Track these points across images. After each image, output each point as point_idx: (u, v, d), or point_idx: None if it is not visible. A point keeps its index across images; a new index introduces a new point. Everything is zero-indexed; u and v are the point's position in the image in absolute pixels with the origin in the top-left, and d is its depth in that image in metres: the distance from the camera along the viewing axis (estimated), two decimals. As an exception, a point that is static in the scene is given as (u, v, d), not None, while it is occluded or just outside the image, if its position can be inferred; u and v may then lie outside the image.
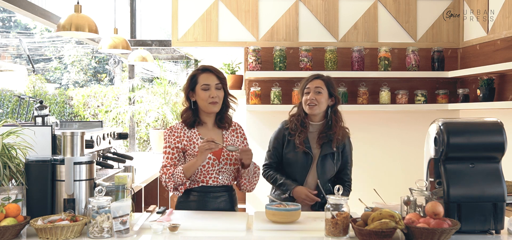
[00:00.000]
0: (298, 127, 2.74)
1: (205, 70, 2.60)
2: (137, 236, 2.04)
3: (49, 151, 2.54)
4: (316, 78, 2.77)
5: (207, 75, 2.57)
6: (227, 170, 2.57)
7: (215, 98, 2.54)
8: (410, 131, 4.39)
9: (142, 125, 9.21)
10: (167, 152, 2.56)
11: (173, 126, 2.62)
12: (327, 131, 2.73)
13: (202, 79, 2.56)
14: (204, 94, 2.54)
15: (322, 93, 2.72)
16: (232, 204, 2.62)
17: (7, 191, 2.11)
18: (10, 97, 10.35)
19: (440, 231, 1.86)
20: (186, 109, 2.63)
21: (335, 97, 2.76)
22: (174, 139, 2.57)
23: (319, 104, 2.71)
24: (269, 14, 4.36)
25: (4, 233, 1.94)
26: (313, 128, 2.77)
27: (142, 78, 10.42)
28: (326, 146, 2.72)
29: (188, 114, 2.60)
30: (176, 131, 2.59)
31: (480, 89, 3.93)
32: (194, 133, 2.58)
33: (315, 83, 2.74)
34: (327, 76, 2.81)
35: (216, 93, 2.55)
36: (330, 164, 2.72)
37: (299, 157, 2.73)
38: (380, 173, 4.33)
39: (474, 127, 2.13)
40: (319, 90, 2.72)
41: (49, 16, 4.51)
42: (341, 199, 2.01)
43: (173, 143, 2.56)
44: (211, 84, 2.54)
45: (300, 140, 2.71)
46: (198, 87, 2.56)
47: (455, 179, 2.05)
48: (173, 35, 4.37)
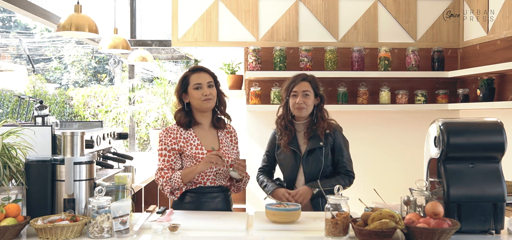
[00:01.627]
0: (283, 130, 2.80)
1: (196, 70, 2.61)
2: (137, 236, 2.04)
3: (49, 151, 2.54)
4: (303, 80, 2.78)
5: (198, 74, 2.59)
6: (224, 172, 2.58)
7: (208, 96, 2.55)
8: (410, 131, 4.39)
9: (142, 125, 9.22)
10: (163, 154, 2.56)
11: (169, 127, 2.62)
12: (312, 126, 2.77)
13: (193, 79, 2.57)
14: (196, 93, 2.55)
15: (309, 96, 2.75)
16: (228, 205, 2.62)
17: (7, 191, 2.11)
18: (10, 97, 10.36)
19: (440, 231, 1.86)
20: (179, 110, 2.63)
21: (320, 96, 2.79)
22: (170, 140, 2.56)
23: (307, 107, 2.74)
24: (269, 14, 4.36)
25: (4, 233, 1.94)
26: (300, 127, 2.81)
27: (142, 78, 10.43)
28: (312, 141, 2.74)
29: (181, 114, 2.60)
30: (172, 133, 2.58)
31: (480, 89, 3.93)
32: (191, 134, 2.58)
33: (303, 86, 2.75)
34: (311, 76, 2.82)
35: (208, 90, 2.56)
36: (316, 158, 2.73)
37: (288, 157, 2.78)
38: (380, 173, 4.33)
39: (474, 127, 2.13)
40: (307, 93, 2.74)
41: (49, 16, 4.51)
42: (341, 199, 2.02)
43: (169, 145, 2.56)
44: (203, 83, 2.55)
45: (284, 142, 2.77)
46: (190, 87, 2.57)
47: (455, 179, 2.05)
48: (173, 35, 4.37)
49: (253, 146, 4.32)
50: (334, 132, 2.78)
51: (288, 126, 2.79)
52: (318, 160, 2.73)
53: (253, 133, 4.34)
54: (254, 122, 4.36)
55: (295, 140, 2.79)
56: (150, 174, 4.05)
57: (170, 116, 6.26)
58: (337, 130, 2.81)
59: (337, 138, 2.78)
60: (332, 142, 2.76)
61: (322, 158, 2.73)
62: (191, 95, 2.57)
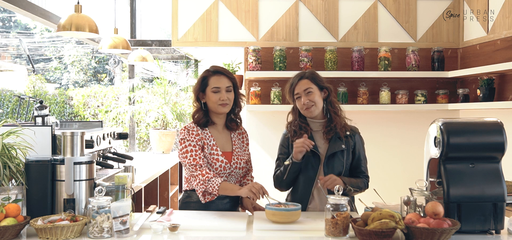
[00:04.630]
0: (298, 132, 2.63)
1: (216, 72, 2.57)
2: (137, 236, 2.04)
3: (49, 151, 2.54)
4: (301, 79, 2.64)
5: (218, 77, 2.55)
6: (235, 174, 2.58)
7: (225, 101, 2.53)
8: (410, 131, 4.39)
9: (142, 125, 9.21)
10: (192, 151, 2.49)
11: (188, 125, 2.58)
12: (330, 124, 2.63)
13: (212, 81, 2.54)
14: (214, 97, 2.52)
15: (313, 91, 2.60)
16: (236, 207, 2.64)
17: (7, 191, 2.11)
18: (10, 97, 10.35)
19: (440, 231, 1.86)
20: (197, 110, 2.60)
21: (326, 88, 2.65)
22: (194, 137, 2.52)
23: (315, 103, 2.60)
24: (269, 14, 4.36)
25: (4, 233, 1.94)
26: (316, 126, 2.66)
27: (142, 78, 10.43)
28: (334, 144, 2.59)
29: (200, 114, 2.58)
30: (193, 130, 2.55)
31: (480, 89, 3.93)
32: (207, 133, 2.57)
33: (302, 85, 2.62)
34: (309, 72, 2.67)
35: (226, 95, 2.54)
36: (339, 161, 2.58)
37: (305, 159, 2.58)
38: (380, 173, 4.33)
39: (474, 127, 2.13)
40: (309, 90, 2.60)
41: (49, 16, 4.51)
42: (341, 199, 2.02)
43: (194, 141, 2.51)
44: (221, 87, 2.53)
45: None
46: (209, 89, 2.54)
47: (455, 179, 2.05)
48: (173, 35, 4.37)
49: (253, 146, 4.31)
50: (354, 134, 2.66)
51: (302, 126, 2.64)
52: (340, 163, 2.58)
53: (253, 133, 4.34)
54: (254, 122, 4.36)
55: (312, 141, 2.58)
56: (150, 174, 4.05)
57: (170, 116, 6.26)
58: (356, 133, 2.68)
59: (357, 142, 2.66)
60: (353, 145, 2.64)
61: (344, 161, 2.58)
62: (208, 97, 2.55)
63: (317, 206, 2.60)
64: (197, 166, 2.47)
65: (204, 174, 2.45)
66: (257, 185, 2.37)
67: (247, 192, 2.36)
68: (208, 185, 2.43)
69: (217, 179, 2.43)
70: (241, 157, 2.61)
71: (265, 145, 4.31)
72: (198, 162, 2.47)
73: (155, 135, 5.97)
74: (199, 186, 2.45)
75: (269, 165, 4.07)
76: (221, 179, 2.44)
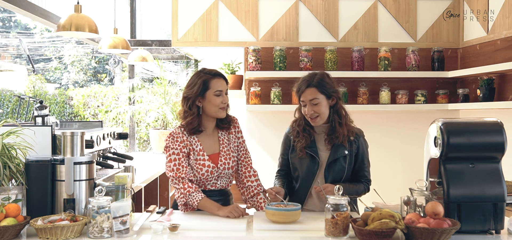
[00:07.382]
0: (301, 132, 2.59)
1: (217, 75, 2.53)
2: (137, 236, 2.04)
3: (49, 151, 2.54)
4: (308, 86, 2.52)
5: (219, 80, 2.51)
6: (225, 175, 2.56)
7: (225, 104, 2.52)
8: (410, 131, 4.39)
9: (142, 125, 9.21)
10: (175, 160, 2.47)
11: (173, 132, 2.53)
12: (333, 133, 2.55)
13: (215, 85, 2.49)
14: (216, 100, 2.48)
15: (319, 102, 2.51)
16: (228, 204, 2.59)
17: (7, 191, 2.11)
18: (10, 97, 10.35)
19: (440, 231, 1.86)
20: (192, 114, 2.50)
21: (335, 95, 2.55)
22: (178, 145, 2.48)
23: (320, 114, 2.52)
24: (269, 14, 4.36)
25: (4, 233, 1.94)
26: (319, 129, 2.59)
27: (142, 78, 10.42)
28: (335, 150, 2.54)
29: (195, 121, 2.50)
30: (179, 136, 2.50)
31: (480, 89, 3.93)
32: (193, 138, 2.52)
33: (308, 94, 2.51)
34: (318, 80, 2.53)
35: (226, 99, 2.53)
36: (340, 167, 2.54)
37: (305, 162, 2.56)
38: (380, 173, 4.32)
39: (474, 127, 2.13)
40: (315, 101, 2.50)
41: (49, 16, 4.51)
42: (341, 199, 2.02)
43: (178, 149, 2.48)
44: (223, 90, 2.50)
45: (301, 145, 2.55)
46: (210, 93, 2.48)
47: (455, 179, 2.05)
48: (173, 35, 4.37)
49: (253, 146, 4.31)
50: (358, 138, 2.59)
51: (306, 128, 2.58)
52: (341, 169, 2.54)
53: (253, 133, 4.34)
54: (254, 122, 4.36)
55: (313, 144, 2.57)
56: (150, 174, 4.05)
57: (170, 116, 6.26)
58: (361, 136, 2.61)
59: (361, 146, 2.59)
60: (356, 149, 2.58)
61: (345, 166, 2.54)
62: (208, 100, 2.48)
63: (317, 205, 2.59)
64: (179, 179, 2.45)
65: (186, 188, 2.43)
66: (238, 210, 2.36)
67: (227, 213, 2.35)
68: (189, 198, 2.42)
69: (197, 195, 2.42)
70: (229, 156, 2.55)
71: (265, 145, 4.31)
72: (180, 175, 2.44)
73: (155, 135, 5.97)
74: (181, 199, 2.45)
75: (269, 165, 4.07)
76: (202, 196, 2.42)
